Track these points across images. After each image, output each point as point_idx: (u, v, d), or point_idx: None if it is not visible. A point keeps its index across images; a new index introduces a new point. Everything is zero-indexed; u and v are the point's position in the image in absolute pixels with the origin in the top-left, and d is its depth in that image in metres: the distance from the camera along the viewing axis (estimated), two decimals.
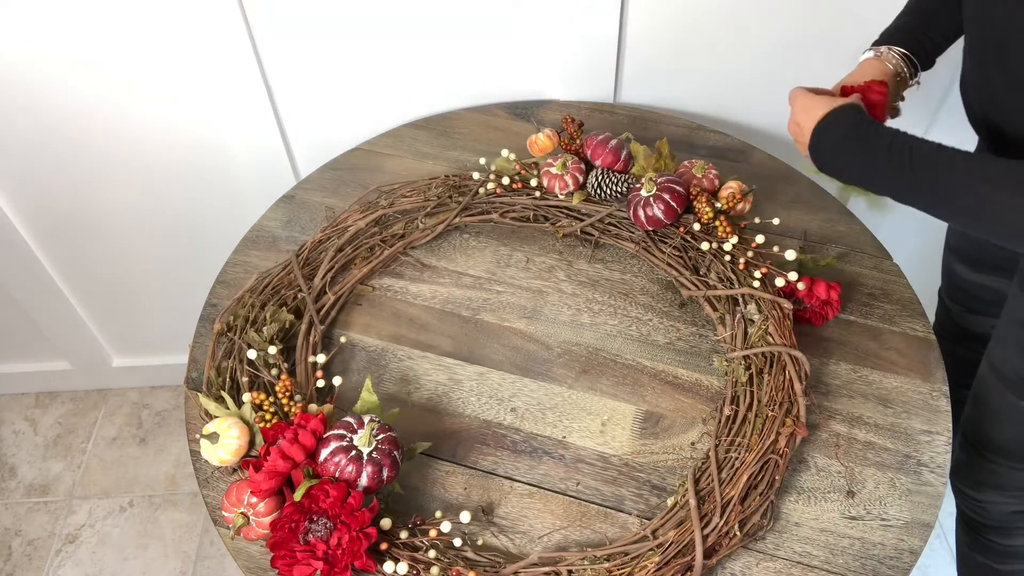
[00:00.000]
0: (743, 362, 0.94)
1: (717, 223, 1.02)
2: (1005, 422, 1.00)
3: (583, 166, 1.10)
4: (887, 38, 0.99)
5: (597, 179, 1.08)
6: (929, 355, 0.98)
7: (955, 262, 1.16)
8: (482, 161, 1.18)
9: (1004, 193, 0.71)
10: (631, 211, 1.05)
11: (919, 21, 0.98)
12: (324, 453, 0.80)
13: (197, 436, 0.87)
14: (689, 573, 0.79)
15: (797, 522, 0.85)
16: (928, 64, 0.99)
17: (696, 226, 1.04)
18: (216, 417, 0.87)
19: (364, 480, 0.79)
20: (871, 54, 0.98)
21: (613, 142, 1.07)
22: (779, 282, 0.97)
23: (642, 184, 1.03)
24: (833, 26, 1.20)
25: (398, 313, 1.05)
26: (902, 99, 1.01)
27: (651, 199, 1.02)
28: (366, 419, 0.83)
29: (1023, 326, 0.92)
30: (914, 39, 0.98)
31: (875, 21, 1.02)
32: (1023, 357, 0.94)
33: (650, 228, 1.05)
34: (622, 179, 1.07)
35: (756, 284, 0.98)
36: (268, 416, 0.86)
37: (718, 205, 1.03)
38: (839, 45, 1.15)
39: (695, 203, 1.04)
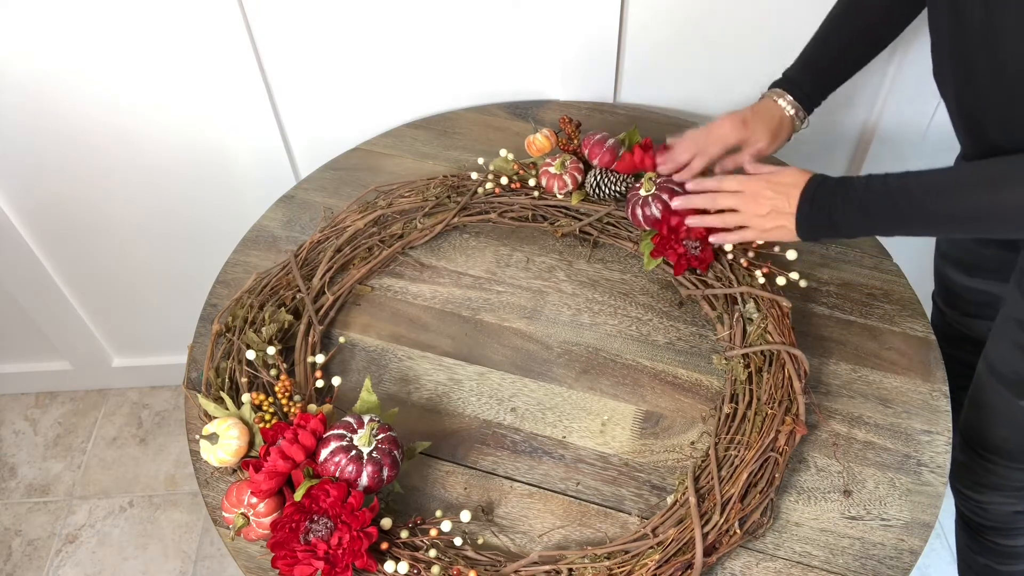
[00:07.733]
0: (742, 360, 0.94)
1: None
2: (1002, 421, 1.00)
3: (582, 166, 1.10)
4: (794, 77, 1.02)
5: (596, 179, 1.08)
6: (929, 355, 0.98)
7: (948, 267, 1.15)
8: (480, 161, 1.18)
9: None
10: (629, 211, 1.05)
11: (829, 56, 1.01)
12: (324, 453, 0.80)
13: (197, 437, 0.87)
14: (689, 571, 0.79)
15: (797, 522, 0.85)
16: (815, 106, 1.02)
17: None
18: (216, 418, 0.87)
19: (364, 480, 0.79)
20: (772, 96, 1.01)
21: (611, 141, 1.07)
22: (780, 281, 0.97)
23: (641, 184, 1.03)
24: None
25: (397, 313, 1.05)
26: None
27: (649, 199, 1.02)
28: (366, 419, 0.83)
29: (1019, 325, 0.92)
30: (817, 81, 1.01)
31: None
32: (1019, 356, 0.94)
33: (648, 228, 1.05)
34: (621, 179, 1.07)
35: (761, 282, 0.98)
36: (268, 416, 0.86)
37: None
38: None
39: None
